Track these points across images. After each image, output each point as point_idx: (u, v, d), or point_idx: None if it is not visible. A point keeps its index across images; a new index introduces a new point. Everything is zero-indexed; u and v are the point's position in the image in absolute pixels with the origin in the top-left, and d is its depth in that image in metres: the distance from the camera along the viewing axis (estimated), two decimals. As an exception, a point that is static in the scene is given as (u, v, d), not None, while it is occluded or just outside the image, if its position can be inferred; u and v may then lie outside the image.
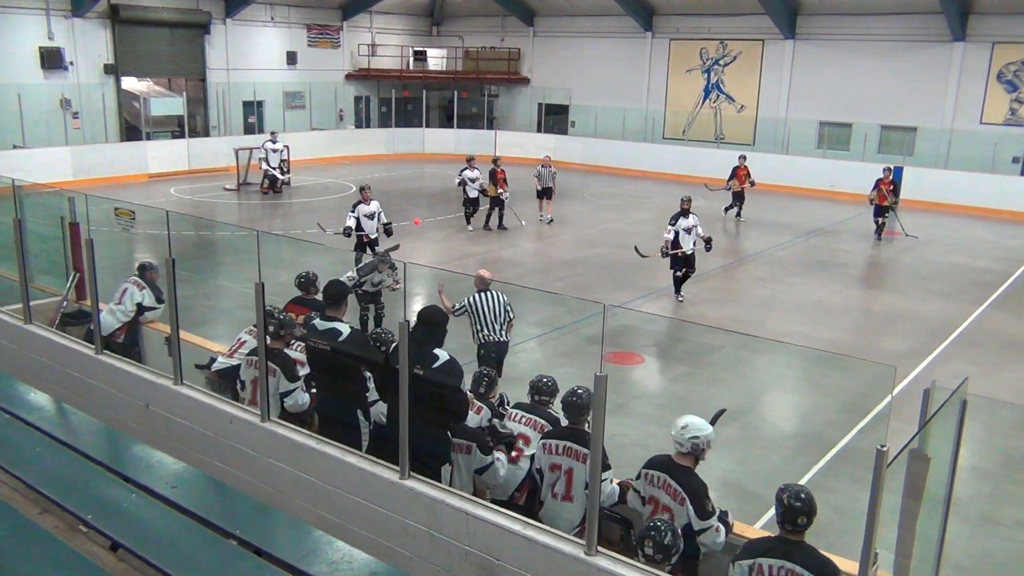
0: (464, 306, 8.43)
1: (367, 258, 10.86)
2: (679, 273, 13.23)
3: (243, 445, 5.73)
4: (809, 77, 26.87)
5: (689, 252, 13.01)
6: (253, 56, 28.46)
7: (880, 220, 18.41)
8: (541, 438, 5.26)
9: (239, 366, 6.65)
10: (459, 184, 18.35)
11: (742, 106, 28.56)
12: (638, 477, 4.85)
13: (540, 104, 32.36)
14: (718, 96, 29.01)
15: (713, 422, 5.30)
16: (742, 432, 8.72)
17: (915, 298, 14.09)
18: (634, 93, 30.25)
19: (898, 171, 23.31)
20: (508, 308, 8.47)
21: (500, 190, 18.05)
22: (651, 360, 11.07)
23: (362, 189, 13.19)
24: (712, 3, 27.79)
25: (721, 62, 28.78)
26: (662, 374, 10.86)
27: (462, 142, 30.77)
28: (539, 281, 14.63)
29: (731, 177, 20.28)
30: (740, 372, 10.84)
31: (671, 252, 12.99)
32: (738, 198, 20.31)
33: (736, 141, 28.17)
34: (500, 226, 18.40)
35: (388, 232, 13.09)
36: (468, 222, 18.42)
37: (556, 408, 5.60)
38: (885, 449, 3.51)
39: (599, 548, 4.30)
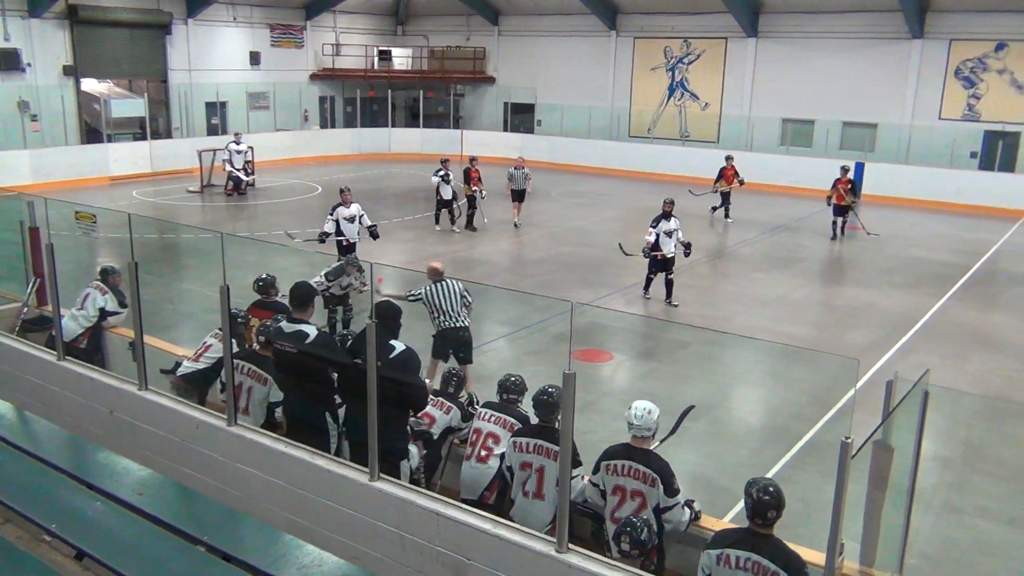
0: (420, 294, 8.59)
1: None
2: (652, 275, 13.17)
3: (210, 450, 5.67)
4: (772, 75, 27.16)
5: (669, 255, 12.92)
6: (215, 56, 28.15)
7: (840, 220, 18.44)
8: (511, 436, 5.27)
9: (205, 370, 6.58)
10: (438, 183, 17.85)
11: (706, 104, 28.79)
12: (596, 471, 4.89)
13: (506, 103, 32.38)
14: (682, 94, 29.22)
15: (682, 419, 5.36)
16: (710, 427, 8.81)
17: (877, 292, 14.30)
18: (599, 91, 30.38)
19: (859, 167, 23.73)
20: (465, 294, 8.70)
21: (474, 188, 18.02)
22: (620, 357, 11.13)
23: (342, 191, 12.70)
24: (675, 2, 27.98)
25: (685, 60, 28.99)
26: (631, 371, 10.92)
27: (428, 142, 30.72)
28: (507, 280, 14.65)
29: (718, 178, 20.22)
30: (708, 368, 10.94)
31: (651, 254, 12.90)
32: (725, 198, 20.29)
33: (701, 139, 28.45)
34: (468, 226, 18.34)
35: (374, 235, 12.71)
36: (437, 222, 18.34)
37: (525, 406, 5.63)
38: (849, 441, 3.56)
39: (570, 545, 4.32)
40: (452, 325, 8.59)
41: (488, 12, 32.11)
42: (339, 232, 12.35)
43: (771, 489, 4.04)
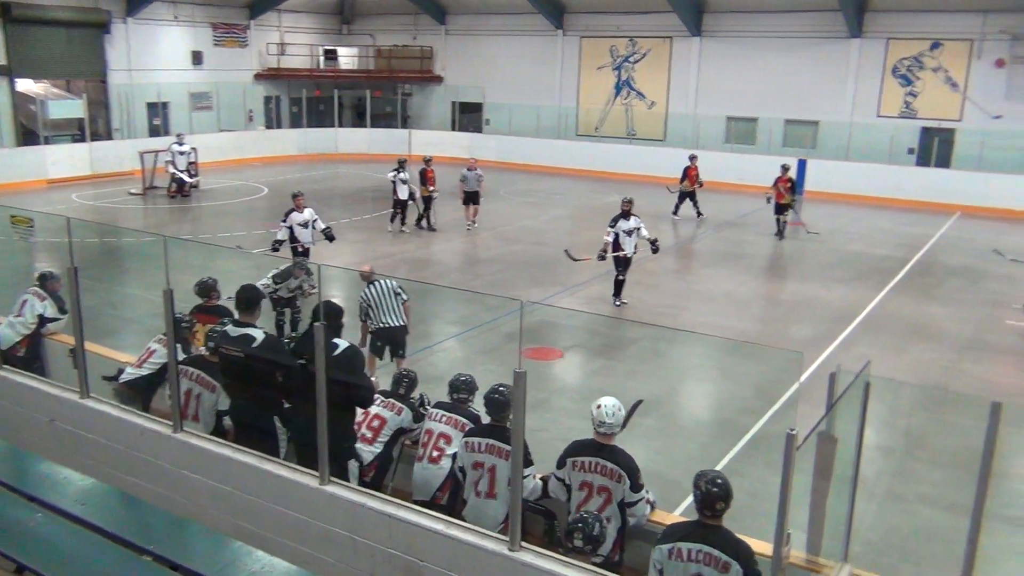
0: (362, 303, 8.86)
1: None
2: (621, 277, 12.91)
3: (155, 458, 5.57)
4: (716, 73, 27.54)
5: (630, 255, 12.71)
6: (157, 56, 27.60)
7: (780, 218, 18.57)
8: (463, 436, 5.27)
9: (149, 376, 6.46)
10: (392, 182, 17.73)
11: (652, 102, 29.08)
12: (561, 466, 4.91)
13: (454, 102, 32.34)
14: (629, 93, 29.47)
15: (631, 414, 5.41)
16: (660, 422, 8.91)
17: (819, 286, 14.60)
18: (547, 90, 30.50)
19: (802, 164, 24.24)
20: (399, 291, 8.94)
21: (431, 188, 17.87)
22: (570, 355, 11.19)
23: (295, 196, 12.28)
24: (621, 1, 28.21)
25: (631, 59, 29.24)
26: (581, 368, 10.99)
27: (376, 142, 30.55)
28: (457, 279, 14.63)
29: (683, 178, 20.27)
30: (657, 364, 11.06)
31: (613, 254, 12.67)
32: (690, 197, 20.36)
33: (648, 137, 28.74)
34: (427, 227, 18.19)
35: (330, 237, 12.39)
36: (392, 221, 18.14)
37: (477, 406, 5.63)
38: (794, 433, 3.63)
39: (523, 543, 4.34)
40: (388, 324, 8.84)
41: (435, 11, 32.01)
42: (293, 238, 12.07)
43: (719, 481, 4.12)
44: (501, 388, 5.21)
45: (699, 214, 20.53)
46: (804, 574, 4.39)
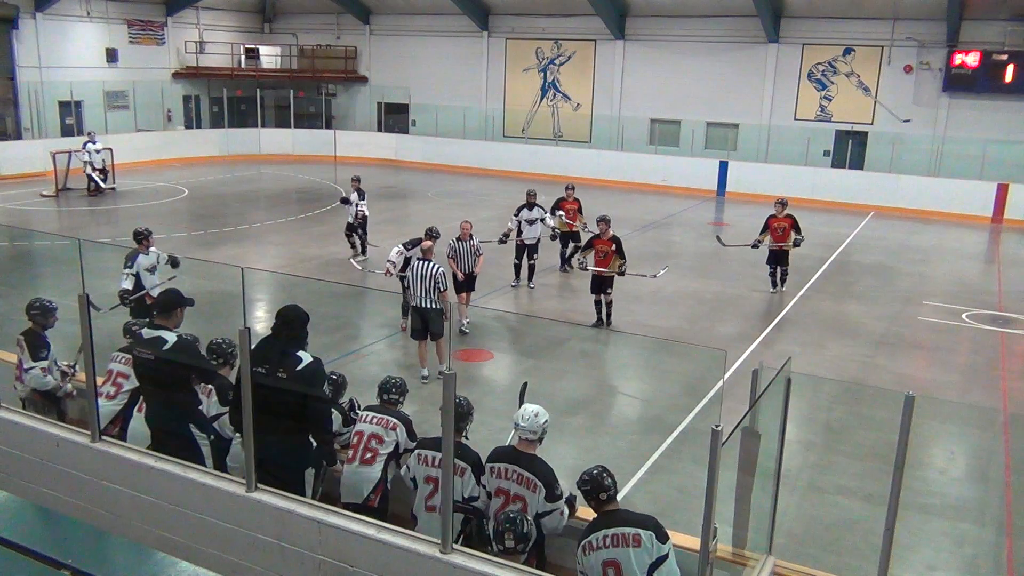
0: (405, 277, 10.12)
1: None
2: (517, 262, 14.20)
3: (73, 468, 5.37)
4: (639, 76, 27.96)
5: (530, 242, 14.00)
6: (69, 53, 26.65)
7: (576, 253, 13.94)
8: (416, 447, 5.20)
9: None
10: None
11: (578, 104, 29.35)
12: (482, 472, 4.91)
13: (379, 103, 32.07)
14: (555, 95, 29.69)
15: (522, 397, 5.43)
16: (590, 421, 9.00)
17: (742, 285, 14.94)
18: (473, 92, 30.50)
19: (723, 165, 24.82)
20: (437, 280, 9.69)
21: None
22: (500, 356, 11.20)
23: (143, 236, 9.86)
24: (545, 4, 28.40)
25: (556, 61, 29.46)
26: (511, 369, 11.01)
27: (300, 142, 30.15)
28: (385, 282, 14.47)
29: (764, 229, 14.66)
30: (586, 363, 11.17)
31: (518, 239, 14.01)
32: (776, 260, 14.48)
33: (574, 138, 29.01)
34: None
35: (175, 263, 9.96)
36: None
37: (406, 408, 5.61)
38: (719, 428, 3.70)
39: (454, 545, 4.32)
40: (418, 304, 9.67)
41: (359, 10, 31.69)
42: (139, 286, 9.58)
43: (594, 472, 4.42)
44: (457, 400, 5.17)
45: (782, 281, 14.59)
46: (730, 567, 4.49)
